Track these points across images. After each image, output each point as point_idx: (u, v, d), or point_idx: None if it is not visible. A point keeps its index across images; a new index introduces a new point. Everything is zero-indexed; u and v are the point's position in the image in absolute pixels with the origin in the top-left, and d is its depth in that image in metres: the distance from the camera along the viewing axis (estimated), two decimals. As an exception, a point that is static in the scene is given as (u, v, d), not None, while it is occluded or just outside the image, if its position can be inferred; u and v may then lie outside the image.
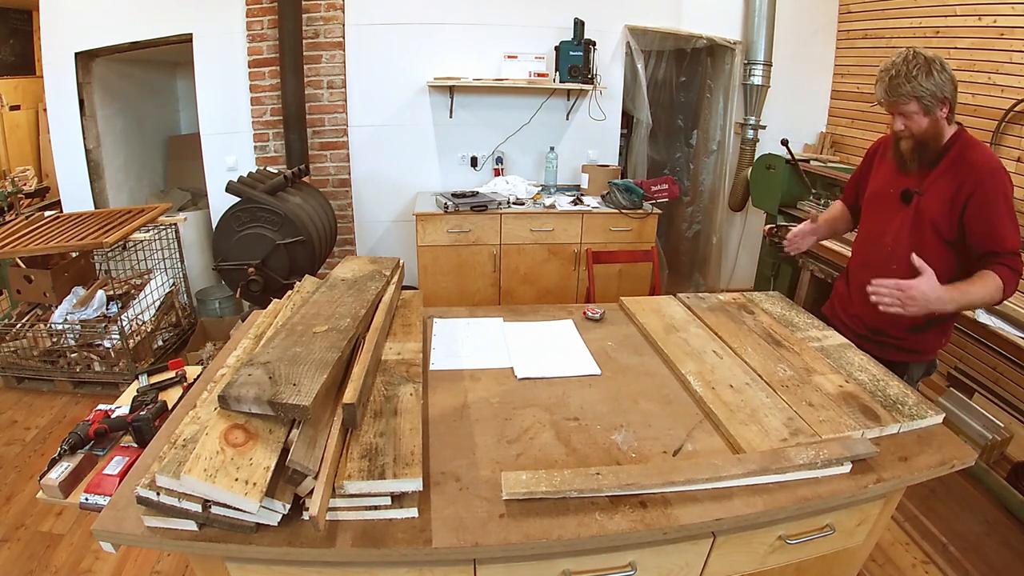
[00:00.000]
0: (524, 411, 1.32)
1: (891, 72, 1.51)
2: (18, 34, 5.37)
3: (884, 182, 1.73)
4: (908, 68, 1.48)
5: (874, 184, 1.78)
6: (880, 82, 1.54)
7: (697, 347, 1.58)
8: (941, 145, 1.57)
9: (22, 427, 2.73)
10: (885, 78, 1.52)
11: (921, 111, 1.51)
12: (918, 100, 1.49)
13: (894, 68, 1.50)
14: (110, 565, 1.98)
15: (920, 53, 1.49)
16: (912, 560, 2.09)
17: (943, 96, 1.50)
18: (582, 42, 3.47)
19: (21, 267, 3.00)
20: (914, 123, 1.54)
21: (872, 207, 1.78)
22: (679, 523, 1.01)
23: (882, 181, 1.74)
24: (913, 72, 1.47)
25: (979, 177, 1.51)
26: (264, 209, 2.82)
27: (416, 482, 0.99)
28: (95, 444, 1.40)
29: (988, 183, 1.51)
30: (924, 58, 1.48)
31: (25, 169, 5.15)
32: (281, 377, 1.05)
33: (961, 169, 1.54)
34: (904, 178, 1.65)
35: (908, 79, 1.47)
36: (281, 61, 3.43)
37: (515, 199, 3.49)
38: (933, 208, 1.59)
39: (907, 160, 1.62)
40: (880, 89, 1.55)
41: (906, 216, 1.64)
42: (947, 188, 1.56)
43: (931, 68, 1.47)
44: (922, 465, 1.18)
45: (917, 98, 1.49)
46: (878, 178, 1.77)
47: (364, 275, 1.65)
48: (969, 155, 1.54)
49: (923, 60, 1.47)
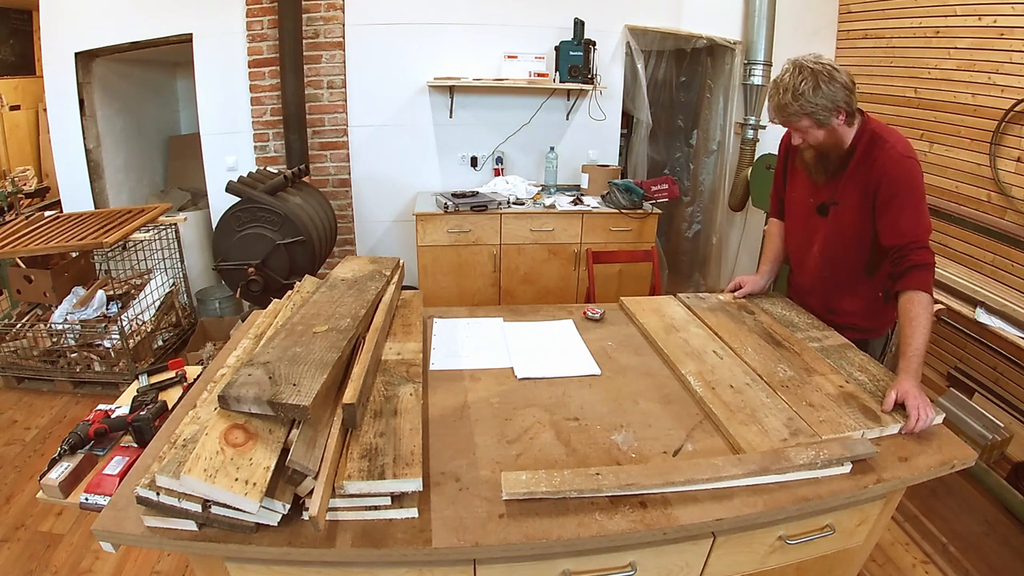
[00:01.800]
0: (524, 411, 1.32)
1: (778, 91, 1.48)
2: (18, 34, 5.37)
3: (802, 192, 1.73)
4: (795, 85, 1.44)
5: (792, 192, 1.79)
6: (769, 100, 1.53)
7: (697, 347, 1.58)
8: (844, 150, 1.56)
9: (22, 427, 2.73)
10: (774, 99, 1.50)
11: (814, 125, 1.50)
12: (809, 116, 1.47)
13: (781, 87, 1.48)
14: (110, 565, 1.98)
15: (806, 67, 1.45)
16: (912, 560, 2.09)
17: (836, 106, 1.46)
18: (582, 42, 3.47)
19: (21, 267, 3.00)
20: (810, 136, 1.53)
21: (795, 216, 1.79)
22: (679, 523, 1.01)
23: (800, 191, 1.74)
24: (800, 89, 1.44)
25: (881, 172, 1.50)
26: (264, 209, 2.82)
27: (416, 482, 0.99)
28: (95, 444, 1.40)
29: (890, 176, 1.49)
30: (810, 71, 1.44)
31: (25, 169, 5.15)
32: (281, 377, 1.05)
33: (866, 168, 1.53)
34: (819, 190, 1.66)
35: (795, 97, 1.45)
36: (281, 61, 3.43)
37: (515, 199, 3.49)
38: (849, 216, 1.59)
39: (814, 171, 1.62)
40: (770, 108, 1.54)
41: (827, 228, 1.66)
42: (856, 192, 1.56)
43: (818, 81, 1.43)
44: (922, 465, 1.18)
45: (808, 114, 1.47)
46: (795, 186, 1.77)
47: (364, 275, 1.65)
48: (873, 152, 1.52)
49: (809, 74, 1.44)
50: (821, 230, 1.68)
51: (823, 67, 1.44)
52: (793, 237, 1.83)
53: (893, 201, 1.50)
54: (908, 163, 1.49)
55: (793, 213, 1.80)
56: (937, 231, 3.18)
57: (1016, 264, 2.77)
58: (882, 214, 1.52)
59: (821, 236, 1.69)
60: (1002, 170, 2.84)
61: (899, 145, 1.51)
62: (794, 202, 1.78)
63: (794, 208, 1.78)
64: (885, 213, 1.52)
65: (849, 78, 1.47)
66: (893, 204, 1.50)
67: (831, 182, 1.62)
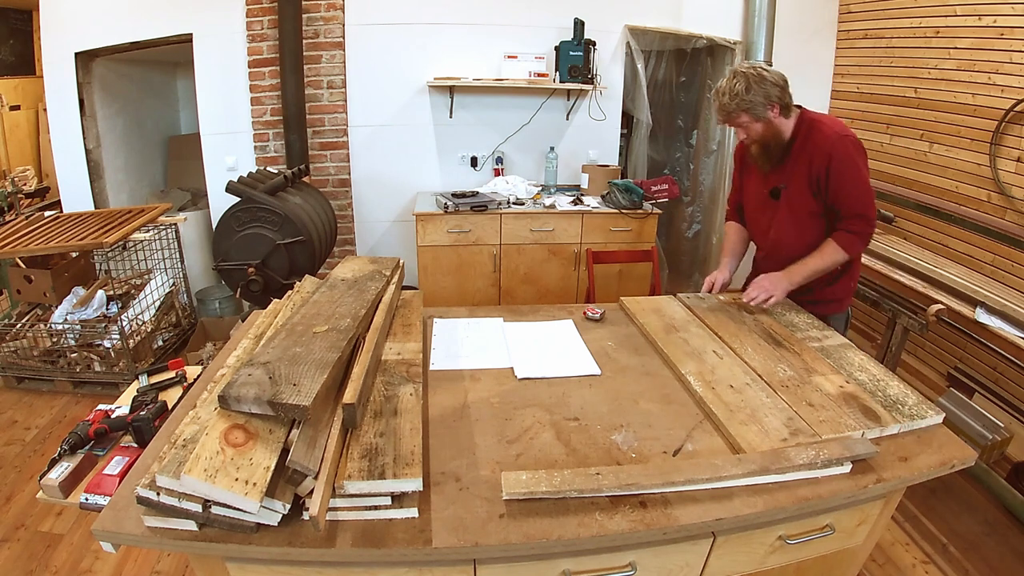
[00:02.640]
0: (524, 411, 1.32)
1: (718, 95, 1.72)
2: (18, 34, 5.37)
3: (756, 186, 1.95)
4: (731, 87, 1.68)
5: (748, 192, 2.01)
6: (713, 105, 1.79)
7: (697, 347, 1.58)
8: (785, 140, 1.77)
9: (22, 427, 2.73)
10: (716, 102, 1.74)
11: (752, 119, 1.71)
12: (746, 111, 1.70)
13: (720, 91, 1.72)
14: (110, 565, 1.98)
15: (739, 71, 1.69)
16: (912, 560, 2.09)
17: (768, 101, 1.68)
18: (582, 42, 3.47)
19: (21, 267, 3.00)
20: (751, 131, 1.75)
21: (753, 209, 2.00)
22: (679, 523, 1.01)
23: (754, 185, 1.96)
24: (735, 90, 1.67)
25: (825, 151, 1.70)
26: (264, 209, 2.82)
27: (416, 482, 0.99)
28: (95, 444, 1.40)
29: (833, 154, 1.69)
30: (743, 74, 1.68)
31: (25, 169, 5.15)
32: (281, 377, 1.05)
33: (809, 151, 1.74)
34: (769, 177, 1.87)
35: (731, 98, 1.68)
36: (281, 61, 3.43)
37: (515, 199, 3.49)
38: (798, 195, 1.80)
39: (760, 162, 1.84)
40: (714, 111, 1.79)
41: (780, 210, 1.86)
42: (803, 173, 1.76)
43: (750, 82, 1.67)
44: (922, 465, 1.18)
45: (744, 110, 1.70)
46: (749, 186, 1.99)
47: (364, 275, 1.65)
48: (814, 136, 1.73)
49: (742, 76, 1.68)
50: (776, 212, 1.88)
51: (754, 70, 1.69)
52: (754, 225, 2.02)
53: (838, 176, 1.70)
54: (845, 141, 1.70)
55: (751, 204, 2.00)
56: (937, 231, 3.18)
57: (1016, 264, 2.77)
58: (829, 189, 1.73)
59: (776, 218, 1.89)
60: (1002, 170, 2.84)
61: (835, 126, 1.73)
62: (751, 195, 1.99)
63: (752, 200, 1.99)
64: (831, 188, 1.73)
65: (780, 77, 1.70)
66: (831, 180, 1.71)
67: (778, 169, 1.83)
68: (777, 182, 1.84)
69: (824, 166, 1.70)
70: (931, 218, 3.06)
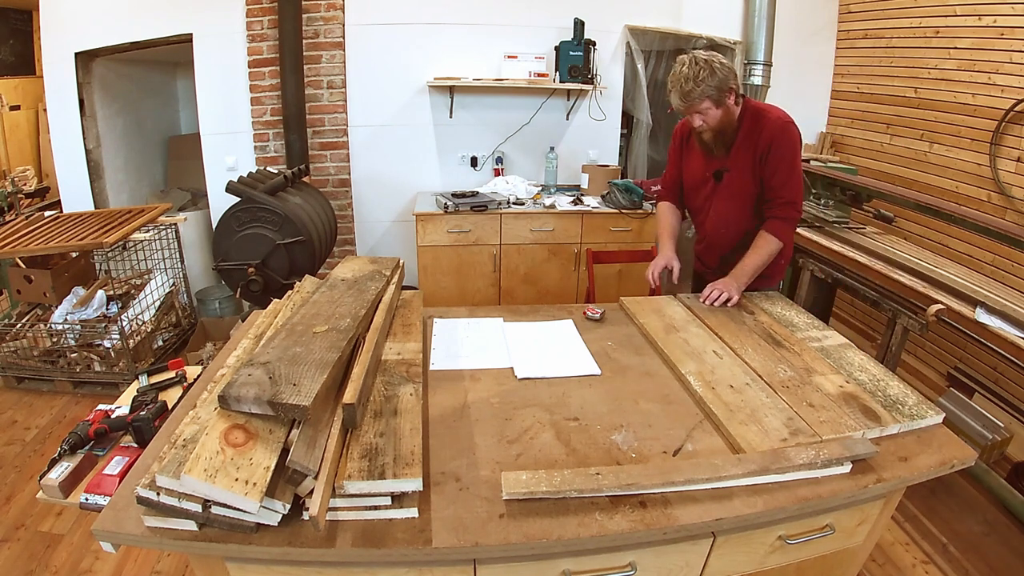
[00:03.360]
0: (524, 411, 1.32)
1: (681, 82, 1.71)
2: (18, 34, 5.37)
3: (698, 169, 1.99)
4: (695, 74, 1.68)
5: (688, 172, 2.04)
6: (674, 92, 1.75)
7: (697, 347, 1.58)
8: (735, 126, 1.83)
9: (22, 427, 2.73)
10: (677, 89, 1.72)
11: (713, 105, 1.74)
12: (709, 98, 1.72)
13: (683, 78, 1.70)
14: (110, 565, 1.98)
15: (699, 57, 1.70)
16: (912, 560, 2.09)
17: (728, 87, 1.72)
18: (582, 42, 3.47)
19: (21, 267, 3.00)
20: (710, 117, 1.77)
21: (694, 188, 2.04)
22: (679, 523, 1.01)
23: (696, 169, 2.00)
24: (700, 76, 1.68)
25: (768, 136, 1.78)
26: (264, 209, 2.82)
27: (416, 482, 0.99)
28: (95, 444, 1.40)
29: (775, 140, 1.77)
30: (704, 60, 1.69)
31: (25, 169, 5.15)
32: (281, 377, 1.05)
33: (754, 136, 1.81)
34: (713, 161, 1.92)
35: (697, 84, 1.69)
36: (281, 61, 3.43)
37: (515, 199, 3.49)
38: (739, 179, 1.88)
39: (713, 148, 1.88)
40: (675, 99, 1.76)
41: (721, 192, 1.94)
42: (748, 158, 1.84)
43: (712, 68, 1.68)
44: (922, 465, 1.18)
45: (708, 96, 1.71)
46: (691, 167, 2.02)
47: (364, 275, 1.65)
48: (759, 122, 1.80)
49: (704, 62, 1.69)
50: (717, 193, 1.95)
51: (712, 56, 1.71)
52: (695, 206, 2.08)
53: (770, 160, 1.80)
54: (789, 128, 1.79)
55: (692, 186, 2.04)
56: (937, 231, 3.19)
57: (1016, 264, 2.77)
58: (765, 173, 1.83)
59: (718, 198, 1.96)
60: (1002, 170, 2.84)
61: (779, 113, 1.82)
62: (693, 178, 2.03)
63: (694, 181, 2.03)
64: (767, 172, 1.82)
65: (731, 64, 1.74)
66: (770, 163, 1.80)
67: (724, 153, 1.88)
68: (721, 165, 1.90)
69: (766, 150, 1.79)
70: (931, 218, 3.06)
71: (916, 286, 2.19)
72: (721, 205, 1.96)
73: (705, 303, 1.85)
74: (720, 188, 1.94)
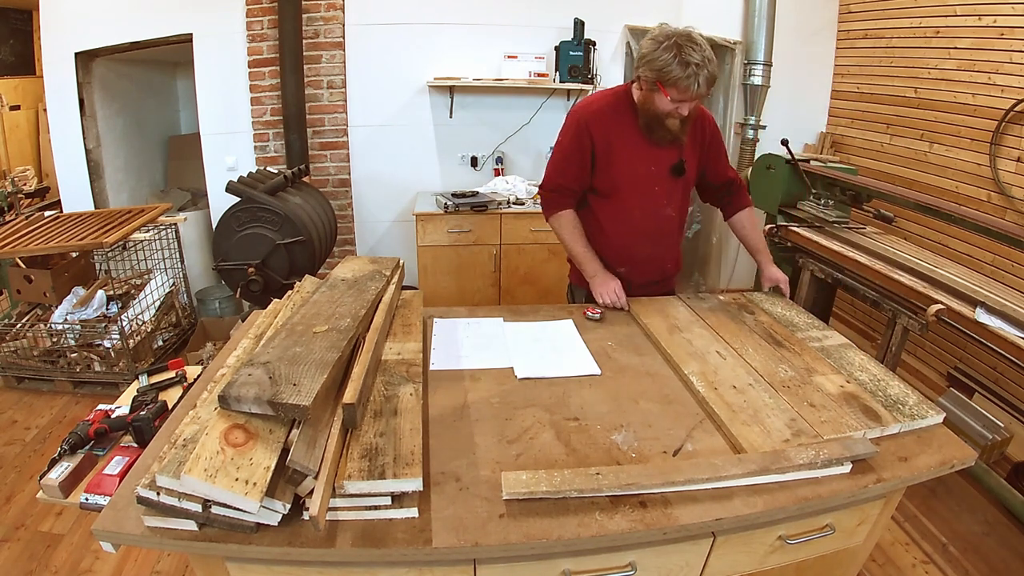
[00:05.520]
0: (524, 411, 1.32)
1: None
2: (18, 34, 5.37)
3: (640, 162, 1.77)
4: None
5: (621, 170, 1.78)
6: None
7: (700, 347, 1.58)
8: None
9: (22, 427, 2.73)
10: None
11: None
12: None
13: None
14: (110, 565, 1.98)
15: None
16: (912, 560, 2.09)
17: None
18: (582, 42, 3.47)
19: (21, 267, 3.00)
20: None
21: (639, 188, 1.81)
22: (679, 523, 1.01)
23: (636, 161, 1.77)
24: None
25: (707, 122, 1.81)
26: (264, 209, 2.82)
27: (416, 482, 0.99)
28: (95, 444, 1.40)
29: (711, 125, 1.82)
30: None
31: (25, 169, 5.15)
32: (281, 377, 1.05)
33: (698, 125, 1.80)
34: (659, 151, 1.76)
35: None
36: (281, 61, 3.43)
37: (515, 199, 3.49)
38: (691, 171, 1.85)
39: (679, 135, 1.72)
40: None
41: (681, 186, 1.86)
42: (695, 147, 1.83)
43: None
44: (922, 465, 1.18)
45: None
46: (623, 163, 1.78)
47: (364, 275, 1.65)
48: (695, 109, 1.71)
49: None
50: (675, 190, 1.84)
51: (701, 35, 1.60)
52: (638, 210, 1.83)
53: (713, 145, 1.84)
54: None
55: (635, 186, 1.80)
56: (937, 231, 3.19)
57: (1016, 264, 2.77)
58: (713, 159, 1.86)
59: (676, 195, 1.86)
60: (1002, 170, 2.84)
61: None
62: (632, 175, 1.79)
63: (632, 179, 1.79)
64: (715, 158, 1.86)
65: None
66: (713, 148, 1.85)
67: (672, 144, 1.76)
68: (677, 157, 1.80)
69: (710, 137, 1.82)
70: (931, 218, 3.06)
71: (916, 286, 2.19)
72: (681, 203, 1.88)
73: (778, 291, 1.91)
74: (680, 183, 1.84)
